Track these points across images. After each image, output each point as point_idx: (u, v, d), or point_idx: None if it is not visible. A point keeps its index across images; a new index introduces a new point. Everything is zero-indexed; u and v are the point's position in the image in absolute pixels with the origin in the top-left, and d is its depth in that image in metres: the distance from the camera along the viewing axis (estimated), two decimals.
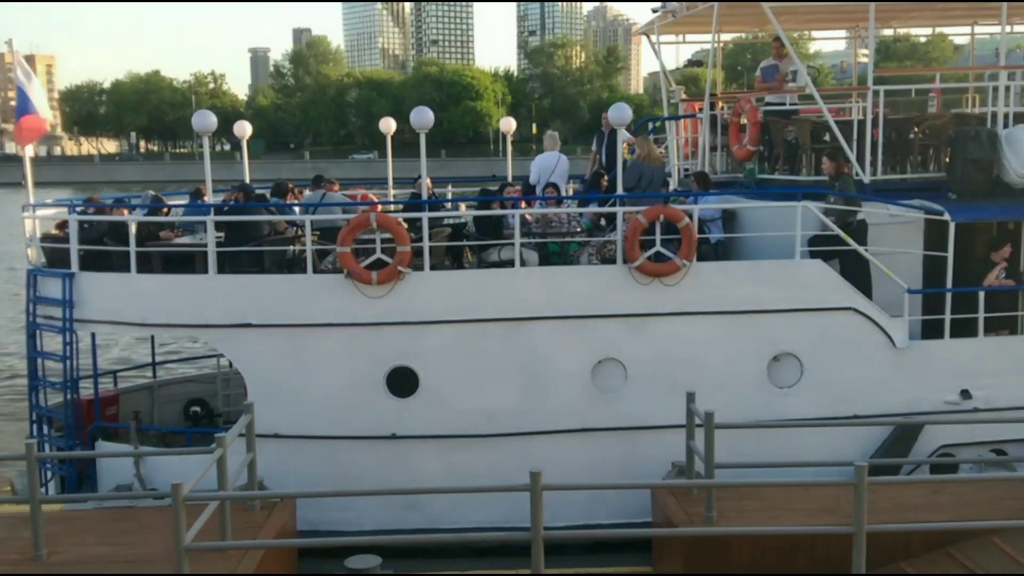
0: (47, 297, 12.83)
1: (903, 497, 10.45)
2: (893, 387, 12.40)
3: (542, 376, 12.03)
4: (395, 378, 11.94)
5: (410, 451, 11.97)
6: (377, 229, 11.66)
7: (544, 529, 8.31)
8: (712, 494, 10.04)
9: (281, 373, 11.94)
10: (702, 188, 13.79)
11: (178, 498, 8.01)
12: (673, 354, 12.07)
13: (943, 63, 73.63)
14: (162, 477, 12.03)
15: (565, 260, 12.56)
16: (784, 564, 9.71)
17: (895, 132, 13.80)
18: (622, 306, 12.04)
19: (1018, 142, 12.80)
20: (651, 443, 11.89)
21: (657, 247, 11.87)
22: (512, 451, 11.76)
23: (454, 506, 11.87)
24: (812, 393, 12.28)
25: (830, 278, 12.24)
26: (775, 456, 11.52)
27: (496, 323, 11.94)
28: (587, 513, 11.81)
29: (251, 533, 9.95)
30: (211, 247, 11.92)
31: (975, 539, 9.57)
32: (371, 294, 11.70)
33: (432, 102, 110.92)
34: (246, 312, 11.91)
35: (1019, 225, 13.35)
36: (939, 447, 12.48)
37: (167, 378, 17.00)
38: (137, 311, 12.38)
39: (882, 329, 12.31)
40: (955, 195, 13.14)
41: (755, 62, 23.99)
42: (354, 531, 11.59)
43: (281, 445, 11.77)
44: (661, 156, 14.64)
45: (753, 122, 14.15)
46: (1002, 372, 12.57)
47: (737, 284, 12.22)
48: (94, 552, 9.55)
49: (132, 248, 12.07)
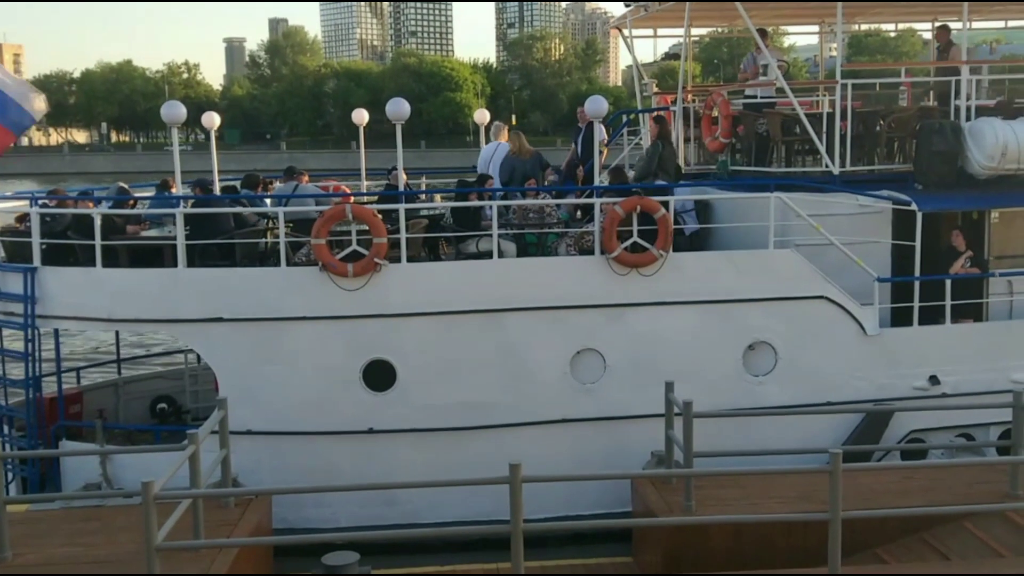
0: (8, 292, 12.49)
1: (877, 483, 10.60)
2: (864, 374, 12.60)
3: (520, 368, 12.00)
4: (372, 372, 11.82)
5: (388, 446, 11.86)
6: (353, 221, 11.54)
7: (524, 522, 8.26)
8: (691, 483, 10.12)
9: (254, 368, 11.76)
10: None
11: (149, 496, 7.79)
12: (651, 344, 12.13)
13: (913, 57, 74.86)
14: (130, 476, 11.80)
15: (543, 251, 12.54)
16: (762, 551, 9.79)
17: (863, 125, 14.00)
18: (600, 297, 12.07)
19: (981, 135, 13.04)
20: (630, 433, 11.92)
21: (634, 238, 11.89)
22: (491, 444, 11.72)
23: (433, 501, 11.78)
24: (786, 381, 12.43)
25: (803, 267, 12.38)
26: (753, 444, 11.64)
27: (474, 315, 11.88)
28: (567, 505, 11.80)
29: (225, 531, 9.76)
30: (180, 240, 11.70)
31: (948, 524, 9.74)
32: (347, 287, 11.57)
33: (411, 93, 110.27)
34: (217, 306, 11.70)
35: (983, 215, 13.61)
36: (909, 432, 12.72)
37: (133, 375, 16.69)
38: (103, 306, 12.09)
39: (853, 317, 12.48)
40: (921, 186, 13.35)
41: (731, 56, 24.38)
42: (331, 528, 11.46)
43: (254, 442, 11.58)
44: (531, 150, 14.80)
45: (725, 115, 14.24)
46: (969, 359, 12.82)
47: (713, 274, 12.32)
48: (61, 553, 9.31)
49: (97, 241, 11.80)
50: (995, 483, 10.39)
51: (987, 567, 8.65)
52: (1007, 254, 13.68)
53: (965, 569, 8.69)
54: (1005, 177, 13.21)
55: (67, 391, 14.08)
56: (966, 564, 8.88)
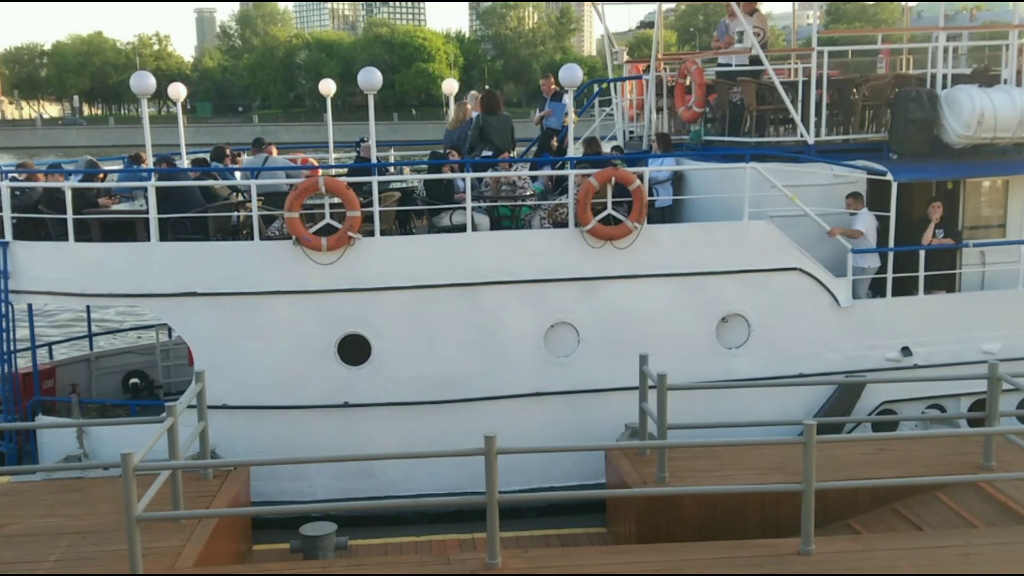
0: None
1: (850, 454, 10.67)
2: (837, 345, 12.67)
3: (495, 341, 12.01)
4: (347, 346, 11.81)
5: (363, 419, 11.88)
6: (326, 194, 11.45)
7: (499, 493, 8.31)
8: (665, 455, 10.16)
9: (229, 342, 11.73)
10: (663, 149, 13.84)
11: (128, 468, 7.78)
12: (625, 317, 12.14)
13: (892, 24, 74.63)
14: (107, 451, 11.83)
15: (516, 224, 12.50)
16: (735, 521, 9.87)
17: (837, 93, 13.93)
18: (574, 269, 12.06)
19: (957, 103, 13.00)
20: (604, 405, 11.97)
21: (608, 210, 11.87)
22: (466, 417, 11.75)
23: (408, 473, 11.83)
24: (760, 353, 12.49)
25: (778, 239, 12.39)
26: (726, 416, 11.71)
27: (448, 288, 11.86)
28: (542, 476, 11.89)
29: (204, 503, 9.82)
30: (152, 214, 11.59)
31: (920, 495, 9.81)
32: (321, 260, 11.52)
33: (383, 64, 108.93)
34: (191, 281, 11.64)
35: (958, 184, 13.65)
36: (881, 403, 12.83)
37: (105, 349, 16.60)
38: (76, 281, 12.02)
39: (827, 288, 12.53)
40: (896, 155, 13.35)
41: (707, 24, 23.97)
42: (308, 500, 11.49)
43: (230, 416, 11.59)
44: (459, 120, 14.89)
45: (699, 83, 14.16)
46: (940, 330, 12.91)
47: (687, 246, 12.31)
48: (43, 524, 9.33)
49: (69, 215, 11.69)
50: (968, 455, 10.46)
51: (959, 537, 8.75)
52: (980, 224, 13.78)
53: (937, 540, 8.79)
54: (979, 146, 13.23)
55: (40, 366, 14.02)
56: (938, 535, 8.98)
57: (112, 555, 8.46)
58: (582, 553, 9.44)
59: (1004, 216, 13.87)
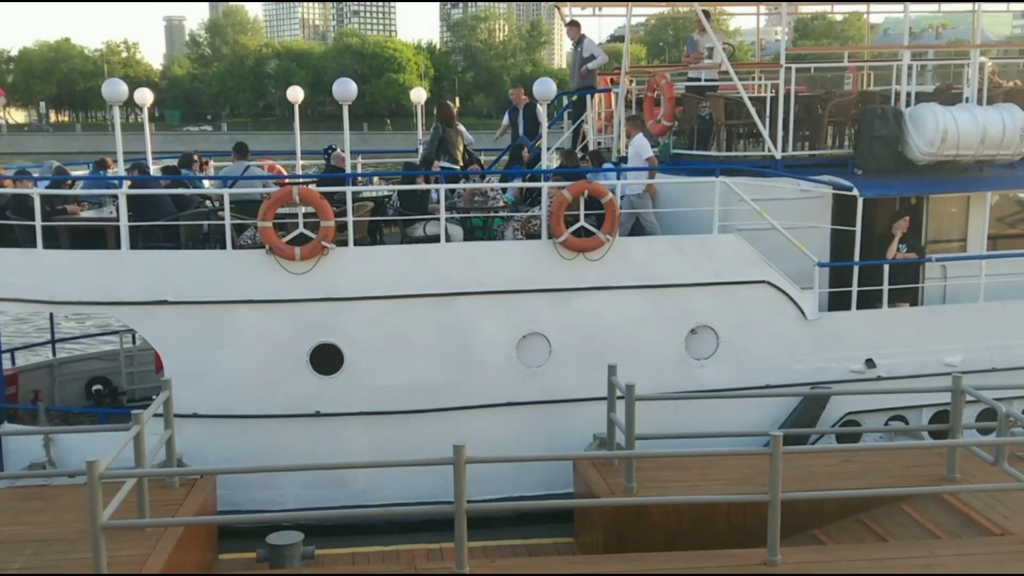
0: None
1: (816, 465, 10.80)
2: (803, 357, 12.85)
3: (467, 351, 12.04)
4: (319, 355, 11.80)
5: (335, 429, 11.85)
6: (300, 203, 11.45)
7: (468, 502, 8.34)
8: (632, 465, 10.21)
9: (200, 351, 11.67)
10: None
11: (94, 475, 7.73)
12: (596, 327, 12.23)
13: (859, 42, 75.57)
14: (73, 458, 11.68)
15: (489, 235, 12.56)
16: (702, 531, 9.93)
17: (803, 109, 14.12)
18: (546, 281, 12.13)
19: (922, 120, 13.24)
20: (574, 416, 12.04)
21: (581, 222, 11.96)
22: (438, 427, 11.77)
23: (379, 483, 11.82)
24: (727, 364, 12.63)
25: (746, 252, 12.55)
26: (694, 426, 11.80)
27: (421, 299, 11.89)
28: (511, 486, 11.90)
29: (170, 511, 9.72)
30: (123, 221, 11.52)
31: (884, 506, 9.95)
32: (294, 270, 11.51)
33: (353, 74, 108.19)
34: (162, 289, 11.57)
35: (921, 200, 13.90)
36: (845, 414, 13.01)
37: (67, 356, 16.42)
38: (44, 288, 11.88)
39: (793, 301, 12.71)
40: (861, 171, 13.56)
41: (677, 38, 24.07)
42: (279, 509, 11.46)
43: (200, 425, 11.52)
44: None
45: (668, 97, 14.31)
46: (903, 342, 13.13)
47: (658, 258, 12.44)
48: (7, 532, 9.21)
49: (38, 222, 11.57)
50: (932, 466, 10.59)
51: (923, 548, 8.89)
52: (941, 239, 14.03)
53: (901, 551, 8.92)
54: (942, 163, 13.48)
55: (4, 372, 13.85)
56: (902, 545, 9.11)
57: (77, 563, 8.37)
58: (549, 563, 9.46)
59: (964, 231, 14.15)
